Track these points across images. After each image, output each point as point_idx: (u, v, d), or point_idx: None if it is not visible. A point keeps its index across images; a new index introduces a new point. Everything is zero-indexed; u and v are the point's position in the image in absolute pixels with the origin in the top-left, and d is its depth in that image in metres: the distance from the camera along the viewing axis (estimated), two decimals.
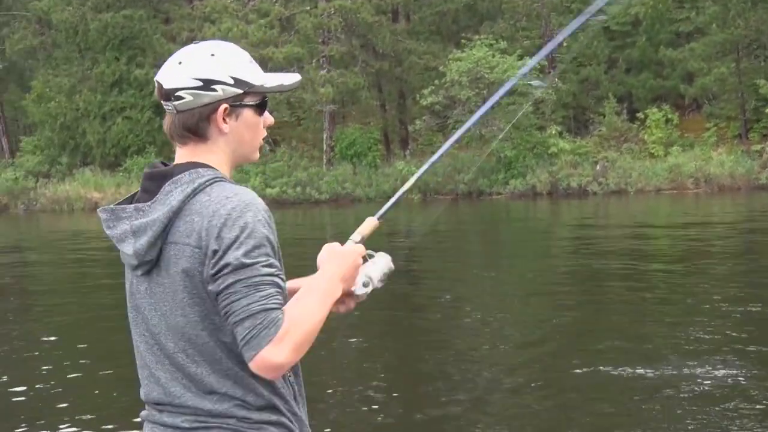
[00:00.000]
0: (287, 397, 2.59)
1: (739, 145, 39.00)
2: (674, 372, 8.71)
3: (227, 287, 2.36)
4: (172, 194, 2.49)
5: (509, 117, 40.23)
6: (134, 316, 2.59)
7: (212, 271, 2.39)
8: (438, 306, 13.73)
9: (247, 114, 2.64)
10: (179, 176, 2.52)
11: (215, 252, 2.38)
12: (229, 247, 2.38)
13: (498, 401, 8.33)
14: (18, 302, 16.56)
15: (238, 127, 2.62)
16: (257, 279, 2.37)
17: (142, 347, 2.58)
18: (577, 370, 9.07)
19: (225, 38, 43.19)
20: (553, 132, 41.16)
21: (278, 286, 2.40)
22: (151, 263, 2.50)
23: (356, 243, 2.74)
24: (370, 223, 2.84)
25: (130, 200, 2.61)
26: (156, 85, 2.57)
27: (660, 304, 12.86)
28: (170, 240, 2.46)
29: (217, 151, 2.62)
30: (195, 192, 2.48)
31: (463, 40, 42.89)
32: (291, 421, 2.59)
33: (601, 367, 9.03)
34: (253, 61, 2.65)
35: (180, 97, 2.54)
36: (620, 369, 8.94)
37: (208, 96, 2.54)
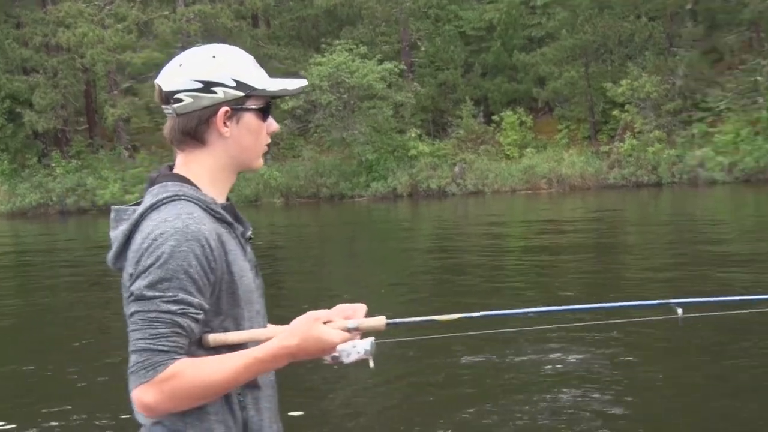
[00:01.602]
0: (210, 425, 2.41)
1: (588, 146, 40.36)
2: (525, 358, 9.25)
3: (130, 315, 2.30)
4: (141, 205, 2.42)
5: (370, 120, 40.83)
6: None
7: (126, 295, 2.33)
8: (296, 304, 13.95)
9: (249, 118, 2.50)
10: (152, 188, 2.45)
11: (130, 276, 2.32)
12: (139, 275, 2.30)
13: (357, 394, 8.64)
14: None
15: (239, 131, 2.49)
16: (153, 315, 2.28)
17: None
18: (435, 360, 9.45)
19: (80, 43, 42.78)
20: (413, 135, 41.82)
21: (177, 325, 2.28)
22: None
23: (348, 329, 2.46)
24: (376, 322, 2.50)
25: None
26: (156, 88, 2.48)
27: (514, 294, 13.43)
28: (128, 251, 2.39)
29: (215, 157, 2.50)
30: (152, 207, 2.38)
31: (323, 45, 43.18)
32: None
33: (457, 356, 9.45)
34: (258, 65, 2.54)
35: (179, 100, 2.44)
36: (476, 356, 9.43)
37: (208, 98, 2.43)
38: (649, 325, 9.10)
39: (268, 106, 2.54)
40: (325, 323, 2.41)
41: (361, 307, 2.55)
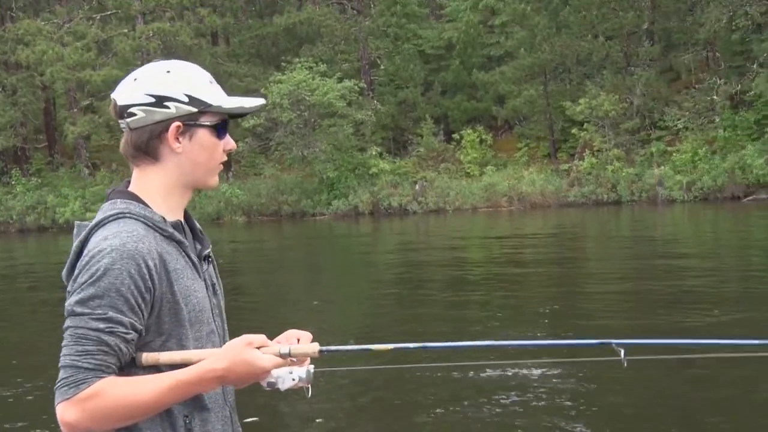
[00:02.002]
0: None
1: (548, 164, 40.49)
2: (495, 372, 9.12)
3: (64, 330, 2.29)
4: (91, 223, 2.41)
5: (330, 138, 40.77)
6: None
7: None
8: (258, 322, 13.76)
9: (202, 135, 2.45)
10: (103, 204, 2.44)
11: (68, 293, 2.30)
12: (73, 291, 2.28)
13: (326, 405, 8.51)
14: None
15: (191, 147, 2.45)
16: (82, 331, 2.26)
17: None
18: (406, 374, 9.32)
19: (39, 61, 42.30)
20: (374, 153, 41.75)
21: (104, 343, 2.25)
22: None
23: (280, 354, 2.37)
24: (309, 348, 2.43)
25: None
26: (111, 102, 2.46)
27: (475, 313, 13.34)
28: None
29: (167, 173, 2.47)
30: (98, 225, 2.37)
31: (283, 63, 43.05)
32: None
33: (427, 373, 9.32)
34: (215, 82, 2.50)
35: (132, 114, 2.41)
36: (444, 372, 9.28)
37: (160, 113, 2.40)
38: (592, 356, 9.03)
39: (224, 123, 2.50)
40: (259, 348, 2.35)
41: (307, 335, 2.50)
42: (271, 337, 2.42)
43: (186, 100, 2.40)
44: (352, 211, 39.96)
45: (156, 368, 2.34)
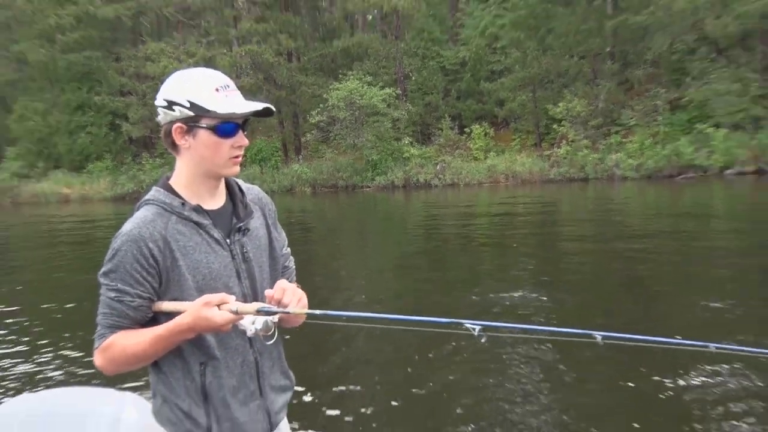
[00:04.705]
0: (178, 395, 2.24)
1: (535, 151, 40.34)
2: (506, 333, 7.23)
3: None
4: None
5: (374, 131, 40.93)
6: None
7: None
8: (318, 270, 13.96)
9: (203, 134, 2.24)
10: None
11: None
12: (103, 262, 2.19)
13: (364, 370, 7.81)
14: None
15: (196, 144, 2.26)
16: (102, 298, 2.19)
17: None
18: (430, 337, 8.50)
19: (162, 73, 42.72)
20: (406, 142, 41.88)
21: (114, 309, 2.16)
22: None
23: (231, 311, 2.14)
24: (250, 307, 2.17)
25: None
26: None
27: (487, 272, 13.46)
28: None
29: (185, 164, 2.32)
30: (137, 208, 2.28)
31: (340, 75, 43.25)
32: (177, 421, 2.23)
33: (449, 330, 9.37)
34: (227, 89, 2.26)
35: (158, 114, 2.29)
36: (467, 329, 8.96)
37: (170, 115, 2.24)
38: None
39: (229, 124, 2.25)
40: (220, 305, 2.14)
41: (284, 288, 2.23)
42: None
43: (188, 105, 2.21)
44: (390, 184, 40.17)
45: (168, 313, 2.20)
